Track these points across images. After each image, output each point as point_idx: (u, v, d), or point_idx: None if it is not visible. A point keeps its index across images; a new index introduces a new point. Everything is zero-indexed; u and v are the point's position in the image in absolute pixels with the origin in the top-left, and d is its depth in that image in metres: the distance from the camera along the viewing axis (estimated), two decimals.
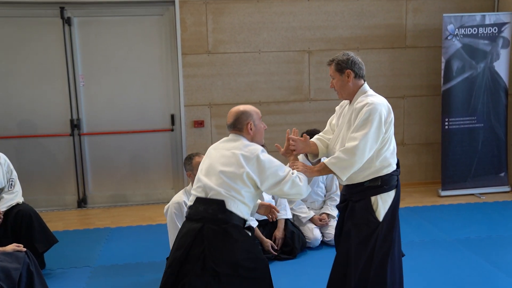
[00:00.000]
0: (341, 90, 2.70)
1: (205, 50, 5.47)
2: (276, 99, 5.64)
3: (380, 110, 2.52)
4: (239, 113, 2.62)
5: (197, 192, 2.55)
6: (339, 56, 2.69)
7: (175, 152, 5.65)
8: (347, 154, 2.49)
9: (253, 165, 2.48)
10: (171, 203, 3.36)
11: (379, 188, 2.59)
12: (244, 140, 2.60)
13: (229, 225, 2.44)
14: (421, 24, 5.70)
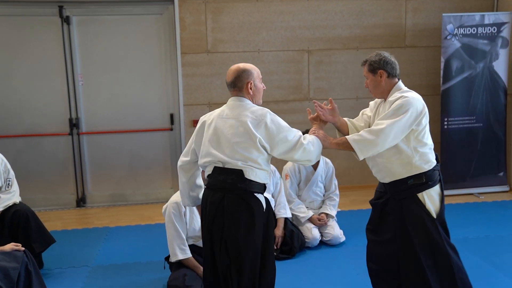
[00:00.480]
0: (374, 89, 2.73)
1: (204, 50, 5.46)
2: (276, 98, 5.63)
3: (414, 104, 2.55)
4: (240, 71, 2.57)
5: (210, 163, 2.51)
6: (372, 56, 2.72)
7: (174, 152, 5.65)
8: (370, 134, 2.52)
9: (262, 131, 2.45)
10: (169, 203, 3.36)
11: (424, 184, 2.63)
12: (247, 102, 2.55)
13: (250, 195, 2.46)
14: (421, 24, 5.69)
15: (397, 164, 2.63)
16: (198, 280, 3.20)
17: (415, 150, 2.60)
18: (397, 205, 2.70)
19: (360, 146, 2.53)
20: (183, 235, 3.27)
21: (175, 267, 3.30)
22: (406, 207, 2.66)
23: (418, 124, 2.57)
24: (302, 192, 4.31)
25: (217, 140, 2.49)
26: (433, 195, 2.65)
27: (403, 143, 2.60)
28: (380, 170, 2.72)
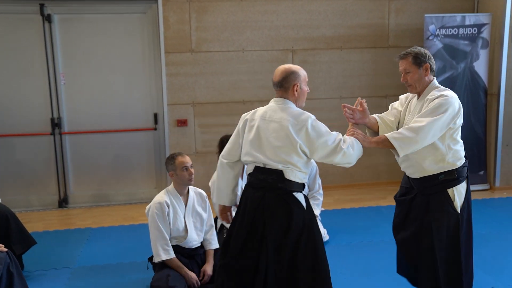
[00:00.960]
0: (417, 83, 2.70)
1: (188, 49, 5.44)
2: (260, 98, 5.63)
3: (452, 104, 2.59)
4: (289, 72, 2.59)
5: (250, 160, 2.58)
6: (414, 49, 2.71)
7: (158, 151, 5.61)
8: (410, 132, 2.55)
9: (303, 136, 2.49)
10: (153, 203, 3.33)
11: (455, 180, 2.69)
12: (291, 106, 2.58)
13: (289, 195, 2.52)
14: (403, 24, 5.74)
15: (430, 161, 2.67)
16: (181, 280, 3.19)
17: (449, 147, 2.66)
18: (424, 200, 2.75)
19: (400, 143, 2.56)
20: (166, 235, 3.25)
21: (159, 268, 3.27)
22: (433, 202, 2.72)
23: (455, 122, 2.63)
24: None
25: (258, 142, 2.55)
26: (461, 191, 2.72)
27: (439, 141, 2.63)
28: (411, 166, 2.75)
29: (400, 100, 2.94)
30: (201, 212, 3.44)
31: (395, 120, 2.87)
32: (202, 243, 3.47)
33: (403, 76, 2.74)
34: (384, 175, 6.00)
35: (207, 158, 5.63)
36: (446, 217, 2.70)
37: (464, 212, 2.73)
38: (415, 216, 2.81)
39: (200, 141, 5.63)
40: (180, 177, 3.29)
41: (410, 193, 2.83)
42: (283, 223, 2.50)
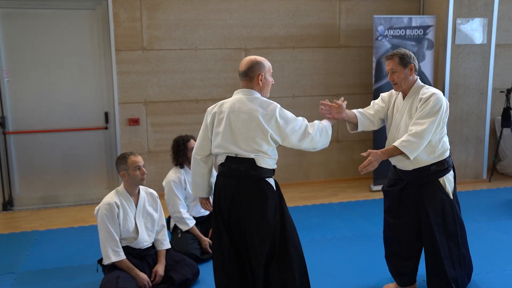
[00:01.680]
0: (403, 82, 2.93)
1: (140, 47, 5.35)
2: (213, 96, 5.61)
3: (443, 101, 2.85)
4: (254, 62, 2.69)
5: (222, 152, 2.66)
6: (400, 51, 2.94)
7: (110, 151, 5.49)
8: (417, 138, 2.76)
9: (273, 125, 2.60)
10: (102, 205, 3.26)
11: (445, 170, 2.96)
12: (257, 96, 2.67)
13: (262, 181, 2.64)
14: (354, 25, 5.87)
15: (423, 153, 2.87)
16: (132, 282, 3.14)
17: (439, 140, 2.91)
18: (416, 190, 2.99)
19: (409, 150, 2.76)
20: (116, 237, 3.19)
21: (108, 270, 3.21)
22: (426, 191, 2.96)
23: (445, 118, 2.89)
24: None
25: (230, 134, 2.63)
26: (450, 178, 2.99)
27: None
28: (404, 159, 2.91)
29: (382, 97, 3.15)
30: (152, 213, 3.40)
31: (375, 114, 3.10)
32: (153, 243, 3.42)
33: (390, 75, 2.96)
34: (336, 173, 6.12)
35: (160, 157, 5.56)
36: (440, 203, 2.96)
37: (454, 198, 3.01)
38: (408, 204, 3.05)
39: (153, 140, 5.55)
40: (132, 177, 3.24)
41: (399, 184, 3.06)
42: (259, 208, 2.63)
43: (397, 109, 3.02)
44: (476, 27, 5.65)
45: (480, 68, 5.76)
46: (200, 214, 4.02)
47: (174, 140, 3.99)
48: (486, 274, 3.45)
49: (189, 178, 3.94)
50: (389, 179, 3.17)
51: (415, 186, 3.00)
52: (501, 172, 6.40)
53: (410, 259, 3.18)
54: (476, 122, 5.83)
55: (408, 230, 3.10)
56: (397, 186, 3.08)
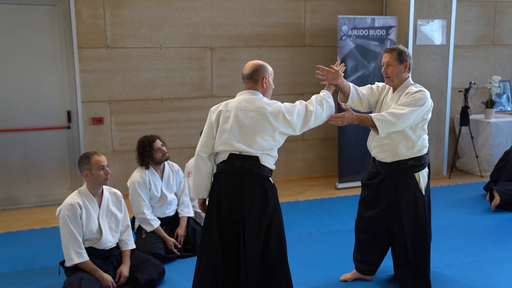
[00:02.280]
0: (395, 77, 3.04)
1: (103, 44, 5.25)
2: (179, 95, 5.58)
3: (428, 99, 2.97)
4: (258, 65, 2.76)
5: (227, 149, 2.68)
6: (400, 46, 3.05)
7: (72, 151, 5.37)
8: (393, 117, 2.86)
9: (281, 121, 2.68)
10: (63, 205, 3.19)
11: (421, 166, 3.09)
12: (261, 96, 2.75)
13: (264, 179, 2.71)
14: (318, 24, 5.95)
15: (403, 147, 3.03)
16: (96, 283, 3.09)
17: (419, 137, 3.03)
18: (392, 183, 3.13)
19: (382, 124, 2.86)
20: (79, 238, 3.13)
21: (71, 272, 3.15)
22: (401, 184, 3.10)
23: (427, 116, 3.01)
24: None
25: (239, 131, 2.67)
26: (425, 175, 3.13)
27: (411, 131, 3.01)
28: (384, 151, 3.10)
29: (377, 85, 3.26)
30: (116, 213, 3.35)
31: (367, 96, 3.18)
32: (118, 244, 3.38)
33: (384, 68, 3.07)
34: (302, 171, 6.19)
35: (125, 156, 5.48)
36: (413, 197, 3.09)
37: (426, 194, 3.14)
38: (383, 196, 3.18)
39: (118, 139, 5.47)
40: (96, 177, 3.19)
41: (378, 177, 3.20)
42: (260, 207, 2.69)
43: (385, 103, 3.14)
44: (435, 29, 5.82)
45: (440, 68, 5.93)
46: (165, 215, 3.99)
47: (139, 140, 3.93)
48: (444, 268, 3.56)
49: (155, 179, 3.91)
50: (368, 172, 3.31)
51: (392, 179, 3.13)
52: (460, 169, 6.62)
53: (377, 250, 3.30)
54: (436, 120, 6.01)
55: (379, 222, 3.22)
56: (376, 179, 3.21)
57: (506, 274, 3.47)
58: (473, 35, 6.58)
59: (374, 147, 3.18)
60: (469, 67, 6.63)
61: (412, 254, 3.15)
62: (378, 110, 3.19)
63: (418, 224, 3.12)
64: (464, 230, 4.35)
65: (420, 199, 3.11)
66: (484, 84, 6.54)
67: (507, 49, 6.77)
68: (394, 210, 3.16)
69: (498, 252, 3.86)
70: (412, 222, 3.12)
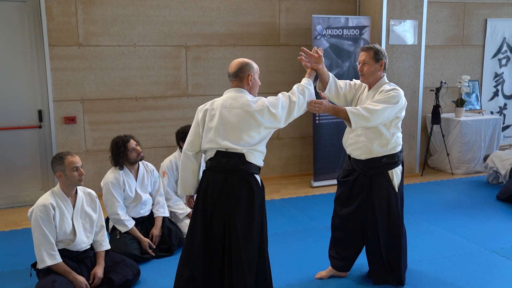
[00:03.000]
0: (370, 75, 3.11)
1: (75, 42, 5.16)
2: (153, 94, 5.53)
3: (402, 97, 3.04)
4: (243, 63, 2.80)
5: (213, 147, 2.72)
6: (376, 46, 3.12)
7: (44, 150, 5.26)
8: (367, 112, 2.91)
9: (267, 115, 2.71)
10: (36, 206, 3.13)
11: (395, 163, 3.15)
12: (246, 94, 2.78)
13: (250, 176, 2.73)
14: (293, 24, 5.98)
15: (377, 144, 3.09)
16: (69, 286, 3.04)
17: (393, 134, 3.10)
18: (366, 180, 3.19)
19: (355, 117, 2.91)
20: (52, 239, 3.07)
21: (43, 274, 3.09)
22: (375, 181, 3.16)
23: (400, 114, 3.07)
24: None
25: (223, 129, 2.70)
26: (398, 172, 3.20)
27: (385, 128, 3.07)
28: (358, 148, 3.15)
29: (355, 82, 3.31)
30: (90, 213, 3.30)
31: (344, 89, 3.23)
32: (92, 245, 3.33)
33: (360, 66, 3.14)
34: (277, 170, 6.21)
35: (99, 156, 5.40)
36: (386, 195, 3.16)
37: (399, 191, 3.21)
38: (358, 193, 3.24)
39: (91, 139, 5.38)
40: (69, 178, 3.13)
41: (353, 175, 3.26)
42: (246, 203, 2.71)
43: (360, 100, 3.20)
44: (407, 29, 5.93)
45: (412, 67, 6.04)
46: (139, 215, 3.95)
47: (113, 141, 3.88)
48: (417, 263, 3.64)
49: (129, 179, 3.87)
50: (343, 170, 3.36)
51: (366, 176, 3.19)
52: (431, 167, 6.76)
53: (353, 247, 3.34)
54: (409, 119, 6.12)
55: (353, 219, 3.27)
56: (351, 176, 3.27)
57: (476, 268, 3.57)
58: (444, 36, 6.73)
59: (349, 145, 3.23)
60: (440, 66, 6.78)
61: (385, 251, 3.22)
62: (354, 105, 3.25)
63: (391, 221, 3.19)
64: (435, 226, 4.44)
65: (393, 197, 3.17)
66: (454, 83, 6.70)
67: (476, 49, 6.95)
68: (368, 207, 3.22)
69: (468, 247, 3.96)
70: (385, 219, 3.18)
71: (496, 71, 7.10)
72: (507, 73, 7.16)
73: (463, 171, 6.37)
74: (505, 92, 7.23)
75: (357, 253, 3.39)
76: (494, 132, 6.49)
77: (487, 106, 7.11)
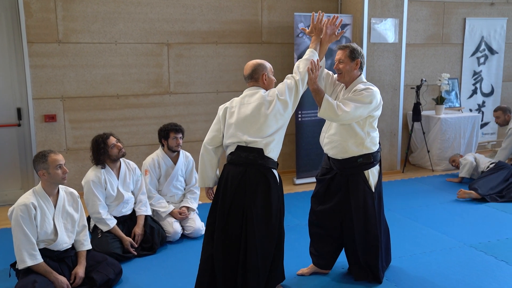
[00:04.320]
0: (346, 74, 3.13)
1: (55, 39, 5.09)
2: (135, 92, 5.48)
3: (375, 96, 3.03)
4: (256, 64, 2.96)
5: (234, 141, 2.88)
6: (353, 45, 3.13)
7: (23, 149, 5.18)
8: (338, 109, 2.95)
9: (278, 104, 2.85)
10: (17, 205, 3.08)
11: (371, 164, 3.15)
12: (262, 90, 2.93)
13: (268, 171, 2.86)
14: (275, 22, 5.99)
15: (351, 144, 3.10)
16: (49, 286, 3.01)
17: (368, 134, 3.11)
18: (343, 180, 3.20)
19: (327, 107, 2.96)
20: (32, 239, 3.04)
21: (23, 274, 3.05)
22: (351, 182, 3.17)
23: (374, 113, 3.07)
24: (162, 186, 4.27)
25: (243, 123, 2.86)
26: (375, 172, 3.21)
27: (359, 127, 3.08)
28: (335, 147, 3.17)
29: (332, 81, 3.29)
30: (72, 213, 3.27)
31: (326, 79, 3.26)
32: (73, 244, 3.30)
33: (336, 65, 3.15)
34: None
35: (80, 155, 5.34)
36: (362, 195, 3.16)
37: (377, 191, 3.20)
38: (335, 192, 3.25)
39: (72, 137, 5.32)
40: (53, 176, 3.10)
41: (330, 173, 3.26)
42: (263, 196, 2.84)
43: (337, 99, 3.20)
44: (388, 27, 5.99)
45: (393, 65, 6.11)
46: (121, 213, 3.92)
47: (93, 140, 3.84)
48: (398, 259, 3.69)
49: (110, 177, 3.84)
50: (322, 168, 3.38)
51: (343, 176, 3.20)
52: (412, 163, 6.85)
53: (329, 244, 3.36)
54: (390, 116, 6.19)
55: (331, 217, 3.28)
56: (328, 175, 3.28)
57: (455, 263, 3.63)
58: (424, 34, 6.82)
59: (326, 144, 3.25)
60: (420, 64, 6.87)
61: (361, 250, 3.23)
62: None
63: (368, 221, 3.20)
64: (416, 222, 4.51)
65: (369, 197, 3.18)
66: (434, 81, 6.79)
67: (455, 48, 7.06)
68: (345, 207, 3.23)
69: (447, 242, 4.03)
70: (362, 219, 3.19)
71: (475, 69, 7.23)
72: (485, 72, 7.29)
73: (443, 167, 6.47)
74: (484, 90, 7.36)
75: (337, 251, 3.41)
76: (473, 129, 6.61)
77: (466, 104, 7.23)
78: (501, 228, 4.35)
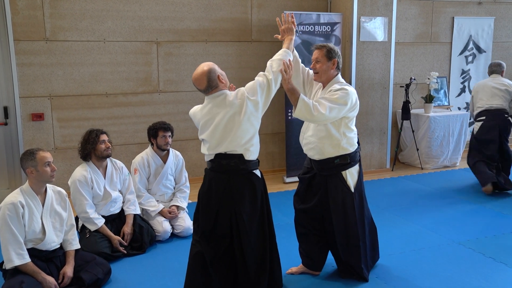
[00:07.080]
0: (323, 73, 3.11)
1: (42, 37, 5.03)
2: (124, 90, 5.44)
3: (351, 97, 3.00)
4: (207, 73, 2.77)
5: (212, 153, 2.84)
6: (330, 44, 3.13)
7: (10, 148, 5.12)
8: (314, 110, 2.90)
9: (249, 106, 2.76)
10: (4, 204, 3.04)
11: (348, 164, 3.13)
12: (226, 93, 2.81)
13: (251, 174, 2.86)
14: (265, 20, 5.98)
15: (328, 145, 3.09)
16: (37, 286, 2.98)
17: (344, 134, 3.09)
18: (322, 180, 3.20)
19: (302, 107, 2.90)
20: (20, 238, 3.00)
21: (10, 274, 3.01)
22: (330, 182, 3.16)
23: (349, 114, 3.05)
24: (152, 185, 4.25)
25: (218, 136, 2.77)
26: (353, 173, 3.19)
27: (334, 128, 3.07)
28: (312, 148, 3.16)
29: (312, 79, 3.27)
30: (60, 212, 3.24)
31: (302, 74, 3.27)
32: (61, 244, 3.27)
33: (313, 64, 3.14)
34: None
35: (68, 154, 5.29)
36: (341, 195, 3.15)
37: (357, 191, 3.18)
38: (315, 192, 3.25)
39: (60, 136, 5.26)
40: (41, 174, 3.07)
41: (310, 172, 3.28)
42: (250, 199, 2.85)
43: (316, 95, 3.21)
44: (378, 26, 6.01)
45: (383, 64, 6.13)
46: (109, 213, 3.89)
47: (87, 130, 3.87)
48: (387, 257, 3.70)
49: (97, 176, 3.81)
50: (304, 167, 3.39)
51: (322, 177, 3.19)
52: (402, 162, 6.89)
53: (314, 243, 3.35)
54: (379, 114, 6.21)
55: (312, 217, 3.29)
56: (309, 174, 3.27)
57: (444, 260, 3.66)
58: (413, 33, 6.85)
59: (304, 145, 3.25)
60: (410, 63, 6.90)
61: (342, 250, 3.23)
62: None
63: (347, 221, 3.18)
64: (405, 220, 4.53)
65: (348, 197, 3.16)
66: (423, 80, 6.83)
67: (444, 46, 7.10)
68: (325, 207, 3.22)
69: (436, 240, 4.06)
70: (341, 219, 3.18)
71: (463, 68, 7.28)
72: (474, 70, 7.35)
73: (432, 165, 6.51)
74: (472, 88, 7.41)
75: (323, 252, 3.39)
76: (462, 128, 6.66)
77: (454, 102, 7.28)
78: (489, 225, 4.39)
